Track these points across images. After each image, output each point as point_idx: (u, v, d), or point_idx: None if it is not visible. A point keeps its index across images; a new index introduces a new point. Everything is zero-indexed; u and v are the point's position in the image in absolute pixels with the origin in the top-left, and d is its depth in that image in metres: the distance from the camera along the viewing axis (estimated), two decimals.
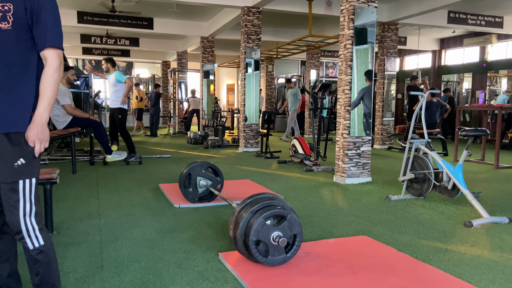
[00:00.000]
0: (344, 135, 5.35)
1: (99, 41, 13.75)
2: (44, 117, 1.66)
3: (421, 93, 4.44)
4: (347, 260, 2.61)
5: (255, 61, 8.59)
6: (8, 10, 1.63)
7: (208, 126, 11.45)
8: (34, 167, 1.73)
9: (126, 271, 2.44)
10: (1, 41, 1.64)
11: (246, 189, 4.73)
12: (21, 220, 1.70)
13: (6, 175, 1.67)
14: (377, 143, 9.93)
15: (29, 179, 1.71)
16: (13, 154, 1.66)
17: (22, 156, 1.67)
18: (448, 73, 14.13)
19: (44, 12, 1.67)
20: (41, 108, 1.65)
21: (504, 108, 7.39)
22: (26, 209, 1.70)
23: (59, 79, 1.70)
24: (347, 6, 5.28)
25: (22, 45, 1.67)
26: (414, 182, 4.37)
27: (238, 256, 2.61)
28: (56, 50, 1.69)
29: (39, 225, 1.74)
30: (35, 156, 1.71)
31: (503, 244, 3.00)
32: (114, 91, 6.77)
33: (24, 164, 1.68)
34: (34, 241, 1.72)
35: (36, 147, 1.67)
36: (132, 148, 6.72)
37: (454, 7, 9.55)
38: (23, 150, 1.67)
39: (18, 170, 1.67)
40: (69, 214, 3.64)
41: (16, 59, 1.67)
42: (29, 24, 1.67)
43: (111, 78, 6.81)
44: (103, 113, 15.91)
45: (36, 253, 1.73)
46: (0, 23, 1.63)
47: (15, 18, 1.64)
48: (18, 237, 1.72)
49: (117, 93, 6.75)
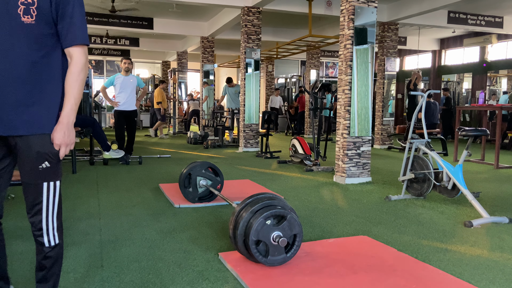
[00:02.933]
0: (344, 135, 5.35)
1: (99, 41, 13.76)
2: (71, 118, 1.59)
3: (421, 93, 4.44)
4: (347, 260, 2.61)
5: (255, 61, 8.59)
6: (31, 3, 1.51)
7: (208, 126, 11.45)
8: (58, 170, 1.67)
9: (126, 271, 2.44)
10: (25, 36, 1.53)
11: (246, 189, 4.73)
12: (43, 219, 1.68)
13: (30, 176, 1.63)
14: (377, 143, 9.93)
15: (53, 182, 1.66)
16: (38, 157, 1.60)
17: (47, 159, 1.62)
18: (448, 73, 14.13)
19: (71, 5, 1.57)
20: (68, 109, 1.58)
21: (504, 108, 7.39)
22: (49, 210, 1.68)
23: (85, 78, 1.62)
24: (347, 6, 5.28)
25: (46, 41, 1.57)
26: (414, 182, 4.37)
27: (238, 256, 2.61)
28: (83, 47, 1.60)
29: (58, 224, 1.73)
30: (60, 160, 1.65)
31: (503, 244, 3.00)
32: (133, 94, 6.69)
33: (49, 167, 1.63)
34: (51, 239, 1.71)
35: (62, 150, 1.61)
36: (131, 149, 6.81)
37: (454, 7, 9.55)
38: (49, 153, 1.61)
39: (42, 172, 1.62)
40: (69, 214, 3.63)
41: (40, 56, 1.57)
42: (54, 18, 1.56)
43: (131, 80, 6.70)
44: (103, 113, 15.95)
45: (49, 250, 1.72)
46: (22, 17, 1.51)
47: (39, 11, 1.53)
48: (37, 234, 1.70)
49: (134, 95, 6.71)
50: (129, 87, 6.68)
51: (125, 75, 6.72)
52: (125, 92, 6.65)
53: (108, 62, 17.34)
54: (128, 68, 6.70)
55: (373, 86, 9.00)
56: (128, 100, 6.68)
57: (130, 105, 6.73)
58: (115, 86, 6.71)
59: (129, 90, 6.68)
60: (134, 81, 6.77)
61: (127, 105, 6.70)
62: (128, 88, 6.68)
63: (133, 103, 6.75)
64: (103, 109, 15.73)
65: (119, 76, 6.72)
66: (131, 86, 6.72)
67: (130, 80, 6.71)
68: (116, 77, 6.71)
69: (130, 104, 6.72)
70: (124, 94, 6.65)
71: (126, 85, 6.66)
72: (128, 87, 6.67)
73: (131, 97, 6.72)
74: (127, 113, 6.73)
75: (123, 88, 6.65)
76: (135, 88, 6.84)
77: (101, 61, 17.19)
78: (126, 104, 6.68)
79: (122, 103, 6.65)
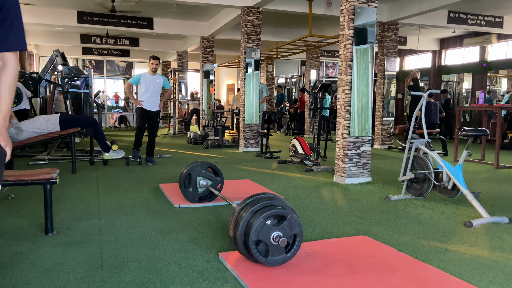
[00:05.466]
0: (344, 135, 5.35)
1: (99, 41, 13.76)
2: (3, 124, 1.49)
3: (421, 93, 4.44)
4: (347, 260, 2.61)
5: (255, 61, 8.59)
6: None
7: (208, 126, 11.45)
8: None
9: (126, 271, 2.44)
10: None
11: (246, 189, 4.72)
12: None
13: None
14: (377, 143, 9.93)
15: None
16: None
17: None
18: (448, 73, 14.13)
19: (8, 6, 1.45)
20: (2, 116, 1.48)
21: (504, 108, 7.39)
22: None
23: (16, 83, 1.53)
24: (347, 6, 5.28)
25: None
26: (414, 182, 4.37)
27: (238, 256, 2.61)
28: (17, 53, 1.51)
29: None
30: None
31: (503, 244, 3.00)
32: (158, 94, 6.56)
33: None
34: None
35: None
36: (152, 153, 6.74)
37: (454, 7, 9.55)
38: None
39: None
40: (69, 214, 3.63)
41: None
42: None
43: (158, 80, 6.53)
44: (103, 113, 15.95)
45: None
46: None
47: None
48: None
49: (159, 96, 6.59)
50: (155, 87, 6.50)
51: (152, 74, 6.51)
52: (151, 92, 6.46)
53: (108, 62, 17.35)
54: (156, 69, 6.49)
55: (373, 86, 8.99)
56: (153, 100, 6.51)
57: (154, 105, 6.54)
58: (141, 85, 6.47)
59: (155, 90, 6.51)
60: (160, 81, 6.57)
61: (150, 105, 6.50)
62: (155, 88, 6.49)
63: (157, 104, 6.56)
64: (103, 110, 15.73)
65: (147, 74, 6.50)
66: (157, 86, 6.53)
67: (156, 80, 6.52)
68: (143, 75, 6.49)
69: (154, 104, 6.53)
70: (150, 94, 6.46)
71: (153, 85, 6.47)
72: (154, 87, 6.49)
73: (156, 97, 6.55)
74: (150, 113, 6.54)
75: (149, 87, 6.45)
76: (161, 88, 6.66)
77: (101, 61, 17.19)
78: (150, 104, 6.49)
79: (146, 102, 6.46)
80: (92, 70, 13.29)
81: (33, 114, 8.54)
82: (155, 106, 6.57)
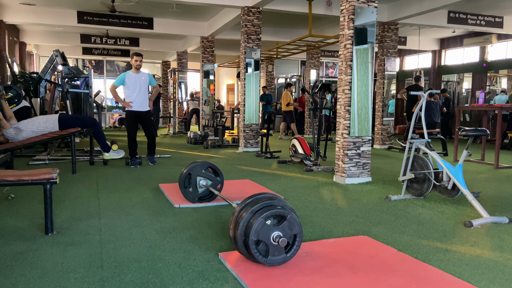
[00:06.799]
0: (344, 135, 5.35)
1: (99, 41, 13.76)
2: None
3: (421, 93, 4.44)
4: (347, 260, 2.61)
5: (255, 61, 8.59)
6: None
7: (208, 126, 11.45)
8: None
9: (126, 271, 2.44)
10: None
11: (246, 189, 4.72)
12: None
13: None
14: (377, 143, 9.93)
15: None
16: None
17: None
18: (448, 73, 14.13)
19: None
20: None
21: (504, 108, 7.38)
22: None
23: None
24: (347, 6, 5.28)
25: None
26: (414, 182, 4.37)
27: (238, 256, 2.61)
28: None
29: None
30: None
31: (503, 244, 3.00)
32: (145, 93, 6.24)
33: None
34: None
35: None
36: (153, 152, 6.60)
37: (454, 7, 9.55)
38: None
39: None
40: (69, 214, 3.63)
41: None
42: None
43: (143, 78, 6.20)
44: (103, 113, 15.95)
45: None
46: None
47: None
48: None
49: (147, 95, 6.28)
50: (141, 85, 6.18)
51: (136, 72, 6.18)
52: (137, 90, 6.15)
53: (108, 62, 17.35)
54: (140, 66, 6.15)
55: (373, 86, 8.99)
56: (142, 100, 6.20)
57: (144, 105, 6.24)
58: (127, 85, 6.14)
59: (142, 88, 6.20)
60: (146, 79, 6.25)
61: (139, 105, 6.19)
62: (141, 86, 6.18)
63: (146, 103, 6.26)
64: (103, 109, 15.74)
65: (131, 73, 6.16)
66: (143, 84, 6.22)
67: (142, 78, 6.19)
68: (126, 75, 6.14)
69: (143, 104, 6.23)
70: (137, 93, 6.15)
71: (139, 83, 6.15)
72: (141, 85, 6.17)
73: (145, 96, 6.24)
74: (141, 114, 6.24)
75: (135, 86, 6.13)
76: (147, 86, 6.38)
77: (101, 61, 17.20)
78: (138, 104, 6.18)
79: (135, 103, 6.15)
80: (92, 70, 13.30)
81: (33, 114, 8.54)
82: (145, 106, 6.27)
